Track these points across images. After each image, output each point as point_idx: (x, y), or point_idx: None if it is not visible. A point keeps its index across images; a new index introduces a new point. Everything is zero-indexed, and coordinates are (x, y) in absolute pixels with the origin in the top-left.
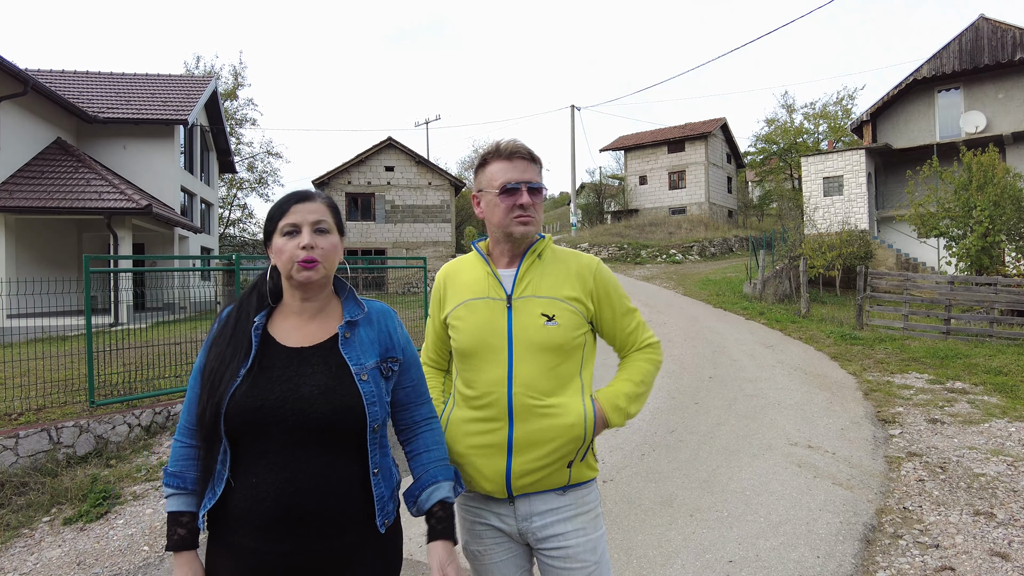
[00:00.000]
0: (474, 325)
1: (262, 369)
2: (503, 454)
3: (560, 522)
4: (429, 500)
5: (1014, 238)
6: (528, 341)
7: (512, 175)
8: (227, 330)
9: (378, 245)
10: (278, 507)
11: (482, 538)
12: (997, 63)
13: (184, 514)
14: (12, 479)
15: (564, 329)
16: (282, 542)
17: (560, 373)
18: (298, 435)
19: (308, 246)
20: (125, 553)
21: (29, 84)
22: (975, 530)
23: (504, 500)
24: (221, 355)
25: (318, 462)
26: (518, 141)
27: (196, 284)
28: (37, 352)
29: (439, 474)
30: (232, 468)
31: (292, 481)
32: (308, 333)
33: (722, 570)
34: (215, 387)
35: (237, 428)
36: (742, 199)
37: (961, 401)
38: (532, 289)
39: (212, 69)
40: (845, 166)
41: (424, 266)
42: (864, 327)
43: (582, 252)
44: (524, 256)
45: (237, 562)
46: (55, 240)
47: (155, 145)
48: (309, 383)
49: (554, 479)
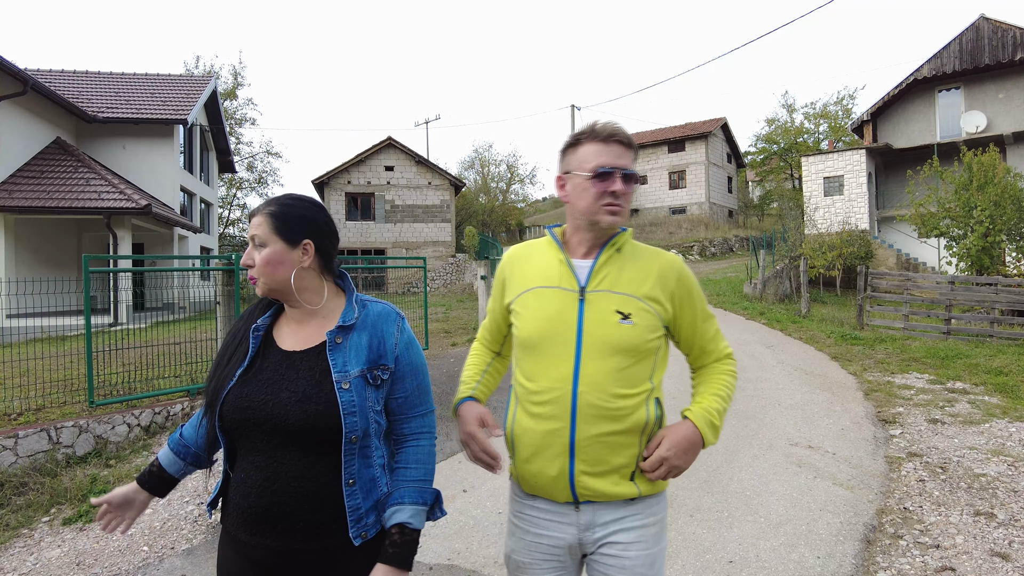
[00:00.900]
0: (541, 315)
1: (256, 371)
2: (565, 456)
3: (623, 532)
4: (390, 520)
5: (1014, 238)
6: (599, 338)
7: (607, 159)
8: (238, 328)
9: (378, 245)
10: (260, 504)
11: (532, 550)
12: (997, 63)
13: (155, 462)
14: (11, 479)
15: (640, 330)
16: (266, 537)
17: (629, 376)
18: (278, 438)
19: (245, 265)
20: (124, 553)
21: (29, 84)
22: (975, 530)
23: (569, 505)
24: (225, 352)
25: (298, 465)
26: (616, 124)
27: (195, 284)
28: (36, 352)
29: (406, 496)
30: (228, 461)
31: (273, 480)
32: (303, 337)
33: (722, 570)
34: (216, 386)
35: (229, 426)
36: (742, 199)
37: (962, 401)
38: (609, 283)
39: (212, 69)
40: (845, 166)
41: (424, 266)
42: (864, 327)
43: (663, 250)
44: (604, 247)
45: (235, 552)
46: (54, 240)
47: (155, 145)
48: (289, 389)
49: (620, 489)
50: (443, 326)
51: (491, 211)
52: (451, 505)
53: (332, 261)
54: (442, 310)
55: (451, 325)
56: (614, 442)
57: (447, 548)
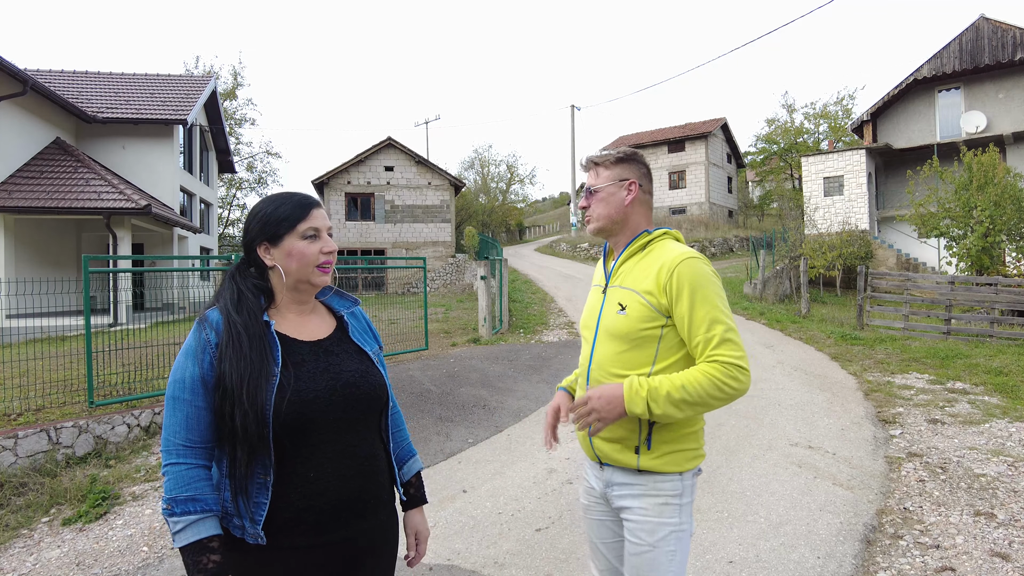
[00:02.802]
0: (586, 307)
1: (295, 365)
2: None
3: (629, 497)
4: (410, 472)
5: (1014, 238)
6: (605, 327)
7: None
8: (240, 335)
9: (378, 245)
10: (340, 495)
11: (588, 494)
12: (997, 63)
13: (213, 539)
14: (11, 479)
15: (630, 320)
16: (339, 530)
17: (627, 360)
18: (346, 421)
19: (333, 250)
20: (124, 554)
21: (28, 84)
22: (975, 531)
23: (597, 463)
24: (247, 361)
25: (366, 444)
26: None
27: (195, 284)
28: (36, 352)
29: (412, 449)
30: (276, 472)
31: (351, 466)
32: (313, 328)
33: (722, 571)
34: (253, 395)
35: (286, 428)
36: (742, 199)
37: (961, 401)
38: (620, 280)
39: (211, 69)
40: (845, 166)
41: (424, 266)
42: (864, 327)
43: (686, 248)
44: (625, 248)
45: (292, 563)
46: (54, 240)
47: (154, 145)
48: (347, 369)
49: (624, 458)
50: (443, 326)
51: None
52: (451, 505)
53: None
54: (442, 310)
55: (451, 325)
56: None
57: (447, 548)
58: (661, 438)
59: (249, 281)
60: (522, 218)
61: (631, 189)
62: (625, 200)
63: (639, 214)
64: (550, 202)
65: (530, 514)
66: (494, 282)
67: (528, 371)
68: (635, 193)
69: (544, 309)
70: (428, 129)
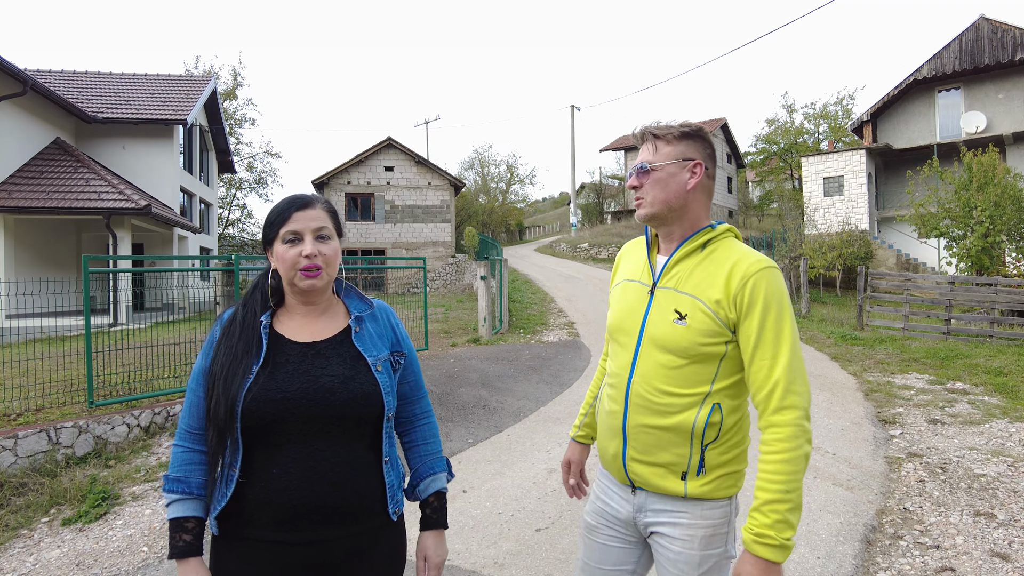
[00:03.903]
0: (621, 306)
1: (277, 364)
2: (619, 438)
3: (671, 526)
4: (427, 490)
5: (1014, 238)
6: (654, 334)
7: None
8: (234, 329)
9: (377, 245)
10: (301, 497)
11: (599, 515)
12: (997, 63)
13: (189, 519)
14: (11, 480)
15: (691, 332)
16: (303, 531)
17: (681, 376)
18: (318, 425)
19: (311, 254)
20: (124, 554)
21: (28, 84)
22: (975, 531)
23: (626, 486)
24: (232, 353)
25: (340, 451)
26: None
27: (195, 284)
28: (36, 352)
29: (436, 466)
30: (243, 466)
31: (316, 470)
32: (317, 329)
33: None
34: (228, 385)
35: (253, 424)
36: (742, 199)
37: (961, 402)
38: (676, 281)
39: (211, 69)
40: (845, 166)
41: (424, 266)
42: (864, 327)
43: (760, 254)
44: (681, 244)
45: (255, 554)
46: (54, 240)
47: (154, 145)
48: (328, 373)
49: (668, 484)
50: (443, 327)
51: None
52: (451, 505)
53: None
54: (442, 311)
55: (451, 326)
56: (659, 436)
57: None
58: (715, 461)
59: (269, 281)
60: (522, 218)
61: (695, 172)
62: (688, 184)
63: (700, 203)
64: (550, 202)
65: (530, 514)
66: (494, 282)
67: (528, 371)
68: (699, 177)
69: (544, 309)
70: (428, 129)
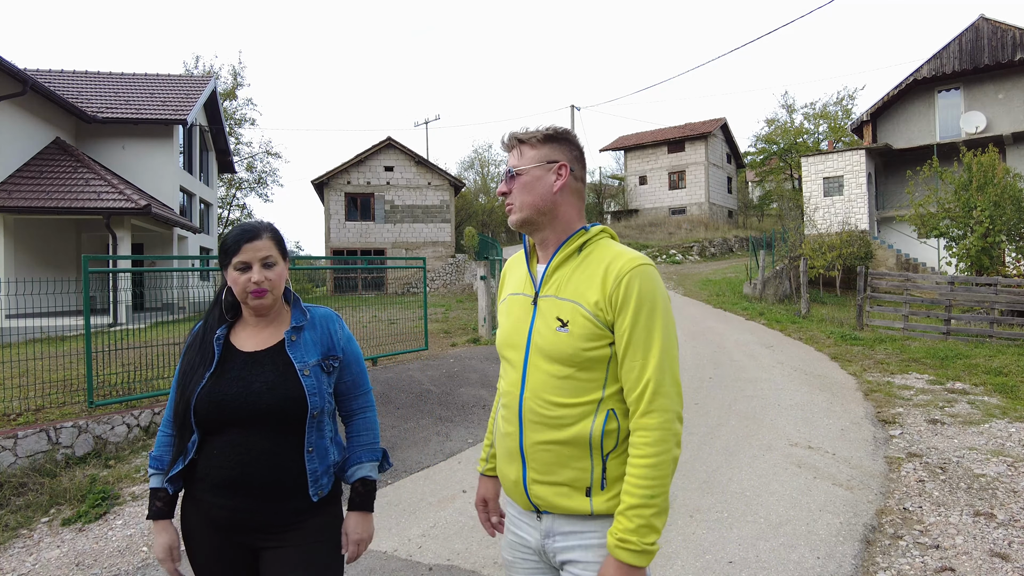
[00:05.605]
0: (507, 321)
1: (223, 371)
2: (518, 461)
3: (579, 549)
4: (353, 477)
5: (1014, 238)
6: (539, 345)
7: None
8: (196, 341)
9: (377, 245)
10: (230, 473)
11: (513, 549)
12: (997, 63)
13: (161, 490)
14: (11, 480)
15: (573, 338)
16: (229, 499)
17: (572, 385)
18: (250, 423)
19: (259, 280)
20: (124, 554)
21: (28, 84)
22: (975, 531)
23: (531, 513)
24: (191, 362)
25: (266, 442)
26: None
27: (195, 284)
28: (36, 352)
29: (363, 456)
30: (198, 447)
31: (245, 455)
32: (261, 339)
33: (722, 571)
34: (185, 388)
35: (203, 419)
36: (742, 199)
37: (961, 402)
38: (556, 288)
39: (211, 69)
40: (845, 166)
41: (423, 266)
42: (864, 327)
43: (635, 252)
44: (558, 250)
45: (198, 510)
46: (54, 240)
47: (154, 145)
48: (259, 380)
49: (573, 503)
50: (443, 326)
51: (491, 211)
52: (451, 505)
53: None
54: (442, 310)
55: (451, 325)
56: (558, 452)
57: (447, 548)
58: (618, 472)
59: (229, 295)
60: None
61: (560, 173)
62: (554, 186)
63: (570, 205)
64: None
65: None
66: (494, 282)
67: None
68: (565, 179)
69: None
70: (428, 129)
